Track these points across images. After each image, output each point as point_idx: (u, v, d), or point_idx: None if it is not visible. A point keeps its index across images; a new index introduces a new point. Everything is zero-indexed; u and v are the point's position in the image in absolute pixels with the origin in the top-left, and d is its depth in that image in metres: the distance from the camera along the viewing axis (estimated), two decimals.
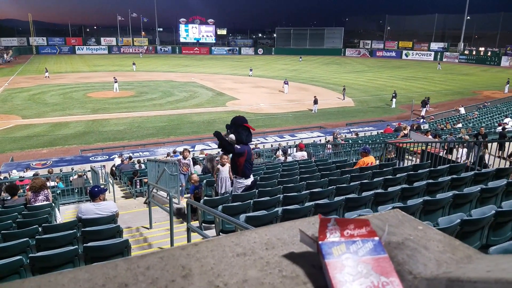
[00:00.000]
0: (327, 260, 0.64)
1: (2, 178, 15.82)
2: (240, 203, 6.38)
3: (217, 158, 13.41)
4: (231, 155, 6.82)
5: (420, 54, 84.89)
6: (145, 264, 0.68)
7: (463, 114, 28.21)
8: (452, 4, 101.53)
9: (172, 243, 6.56)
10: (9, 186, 8.94)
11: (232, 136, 6.36)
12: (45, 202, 7.61)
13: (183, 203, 9.67)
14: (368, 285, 0.60)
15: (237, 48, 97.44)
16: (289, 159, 13.76)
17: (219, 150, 6.94)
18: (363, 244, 0.66)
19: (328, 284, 0.62)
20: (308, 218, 0.85)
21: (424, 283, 0.65)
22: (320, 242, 0.66)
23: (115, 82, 38.81)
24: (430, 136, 14.72)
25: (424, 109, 30.76)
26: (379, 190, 6.33)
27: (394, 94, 34.28)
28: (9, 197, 8.39)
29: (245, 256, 0.71)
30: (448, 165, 7.91)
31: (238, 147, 6.38)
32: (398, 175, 7.42)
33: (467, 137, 14.81)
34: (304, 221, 0.84)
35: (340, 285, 0.60)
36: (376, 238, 0.67)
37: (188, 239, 5.85)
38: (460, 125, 22.53)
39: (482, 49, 79.88)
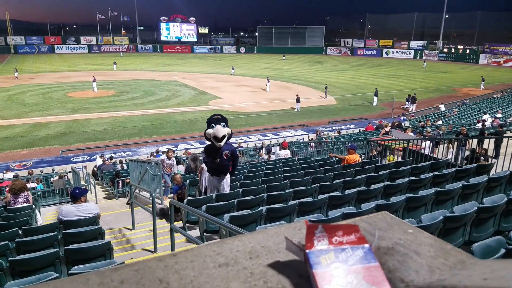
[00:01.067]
0: (315, 270, 0.59)
1: None
2: (224, 202, 6.33)
3: (200, 158, 13.32)
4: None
5: (400, 53, 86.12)
6: (119, 278, 0.62)
7: (443, 111, 28.70)
8: (431, 3, 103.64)
9: (155, 244, 6.47)
10: None
11: (228, 130, 6.40)
12: (25, 204, 7.43)
13: (166, 203, 9.56)
14: None
15: (219, 47, 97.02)
16: (273, 157, 13.75)
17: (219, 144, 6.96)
18: (353, 251, 0.62)
19: None
20: (294, 223, 0.81)
21: None
22: (307, 250, 0.62)
23: (94, 81, 38.14)
24: (410, 133, 14.91)
25: (413, 105, 31.36)
26: (362, 188, 6.36)
27: (375, 92, 34.68)
28: None
29: (228, 266, 0.66)
30: (429, 162, 8.01)
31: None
32: (380, 173, 7.48)
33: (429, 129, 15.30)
34: (289, 227, 0.80)
35: None
36: (366, 245, 0.63)
37: (172, 240, 5.77)
38: (440, 122, 22.92)
39: (460, 47, 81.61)
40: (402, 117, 27.02)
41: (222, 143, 6.40)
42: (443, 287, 0.59)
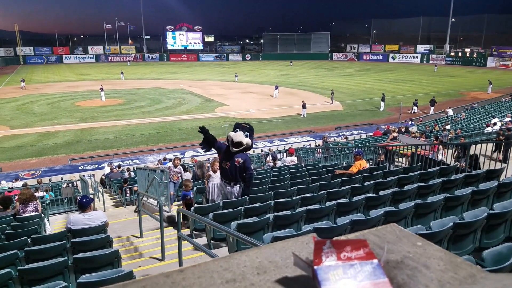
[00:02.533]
0: (324, 286, 0.59)
1: None
2: (231, 210, 6.31)
3: (208, 165, 13.35)
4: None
5: (406, 57, 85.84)
6: None
7: (451, 115, 28.50)
8: (437, 7, 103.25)
9: (163, 252, 6.46)
10: (2, 198, 8.76)
11: (248, 141, 6.38)
12: (34, 213, 7.47)
13: (173, 211, 9.56)
14: None
15: (225, 54, 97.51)
16: (279, 164, 13.72)
17: (201, 146, 6.94)
18: (362, 267, 0.61)
19: None
20: (301, 237, 0.80)
21: None
22: (315, 266, 0.61)
23: (101, 90, 38.50)
24: (422, 139, 14.82)
25: (433, 108, 31.66)
26: (370, 194, 6.32)
27: (382, 97, 34.57)
28: (2, 209, 8.21)
29: (235, 282, 0.66)
30: (438, 168, 7.94)
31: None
32: (389, 179, 7.42)
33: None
34: (297, 241, 0.79)
35: None
36: (375, 261, 0.63)
37: (179, 248, 5.76)
38: (448, 126, 22.75)
39: (468, 50, 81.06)
40: (410, 122, 26.87)
41: (236, 149, 6.40)
42: None
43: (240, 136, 6.30)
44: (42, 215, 7.76)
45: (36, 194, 11.77)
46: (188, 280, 0.66)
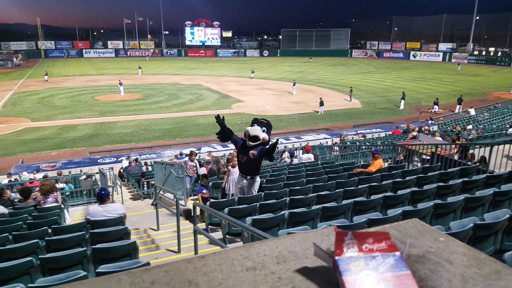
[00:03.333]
0: (345, 277, 0.59)
1: (13, 180, 15.93)
2: (246, 205, 6.33)
3: (225, 159, 13.42)
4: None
5: (428, 55, 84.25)
6: (149, 279, 0.63)
7: (473, 115, 27.89)
8: (461, 5, 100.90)
9: (179, 245, 6.53)
10: (22, 189, 9.00)
11: (266, 136, 6.37)
12: (54, 204, 7.64)
13: (189, 205, 9.65)
14: None
15: (243, 50, 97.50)
16: (295, 161, 13.68)
17: (217, 136, 6.94)
18: (383, 259, 0.61)
19: None
20: (321, 229, 0.80)
21: None
22: (336, 257, 0.61)
23: (120, 85, 38.97)
24: (439, 138, 14.56)
25: (460, 106, 31.30)
26: (388, 193, 6.25)
27: (402, 95, 34.08)
28: (23, 199, 8.44)
29: (255, 270, 0.66)
30: (459, 168, 7.79)
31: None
32: (407, 178, 7.32)
33: None
34: (317, 232, 0.79)
35: None
36: (397, 253, 0.62)
37: (195, 241, 5.82)
38: (470, 126, 22.27)
39: (492, 49, 79.01)
40: (430, 121, 26.40)
41: (252, 143, 6.38)
42: None
43: (256, 130, 6.29)
44: (62, 206, 7.93)
45: (56, 185, 12.02)
46: (209, 266, 0.67)
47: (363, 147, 16.79)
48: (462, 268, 0.67)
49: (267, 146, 6.41)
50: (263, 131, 6.37)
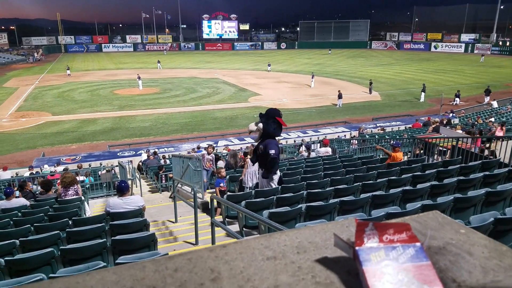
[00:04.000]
0: (365, 267, 0.59)
1: (34, 172, 16.36)
2: (263, 199, 6.35)
3: (242, 152, 13.48)
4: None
5: (450, 46, 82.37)
6: (173, 266, 0.65)
7: (496, 108, 27.20)
8: None
9: (196, 238, 6.61)
10: (43, 182, 9.23)
11: (260, 125, 6.35)
12: (75, 197, 7.81)
13: (206, 198, 9.75)
14: None
15: (260, 43, 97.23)
16: (313, 154, 13.62)
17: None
18: (404, 250, 0.61)
19: None
20: (342, 221, 0.81)
21: None
22: (357, 247, 0.62)
23: (139, 79, 39.38)
24: (460, 131, 14.27)
25: (488, 97, 30.73)
26: (408, 187, 6.17)
27: (422, 88, 33.46)
28: (44, 192, 8.66)
29: (276, 260, 0.68)
30: (480, 161, 7.64)
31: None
32: (427, 172, 7.21)
33: None
34: (337, 224, 0.80)
35: None
36: (418, 244, 0.62)
37: (212, 234, 5.88)
38: (492, 119, 21.74)
39: None
40: (451, 114, 25.87)
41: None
42: None
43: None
44: (82, 198, 8.10)
45: (77, 178, 12.28)
46: (231, 255, 0.69)
47: (382, 140, 16.59)
48: (483, 259, 0.67)
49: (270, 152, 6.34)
50: (256, 123, 6.41)
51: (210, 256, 0.68)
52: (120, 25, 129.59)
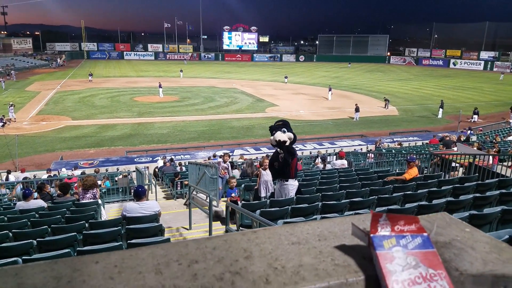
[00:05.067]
0: (378, 251, 0.69)
1: (52, 175, 16.73)
2: (278, 208, 6.41)
3: (255, 163, 13.56)
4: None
5: (469, 63, 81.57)
6: (211, 245, 0.76)
7: None
8: (504, 12, 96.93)
9: None
10: (62, 185, 9.46)
11: (290, 134, 6.37)
12: (92, 200, 7.98)
13: (221, 206, 9.84)
14: (417, 275, 0.64)
15: (279, 55, 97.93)
16: (328, 166, 13.63)
17: (279, 150, 6.77)
18: (413, 239, 0.71)
19: (379, 273, 0.67)
20: (358, 215, 0.91)
21: (470, 279, 0.68)
22: (371, 235, 0.72)
23: (160, 87, 40.06)
24: (475, 148, 14.09)
25: None
26: (423, 202, 6.17)
27: (441, 104, 33.18)
28: (61, 194, 8.86)
29: (300, 244, 0.78)
30: (497, 179, 7.57)
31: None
32: (443, 188, 7.19)
33: None
34: (354, 217, 0.90)
35: (390, 274, 0.65)
36: (425, 234, 0.72)
37: None
38: (511, 137, 21.39)
39: None
40: (469, 131, 25.55)
41: (282, 149, 6.37)
42: (494, 275, 0.65)
43: (279, 135, 6.32)
44: (99, 202, 8.25)
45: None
46: (261, 239, 0.79)
47: (399, 155, 16.49)
48: (484, 253, 0.76)
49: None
50: (284, 132, 6.39)
51: (243, 239, 0.79)
52: (142, 34, 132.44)
